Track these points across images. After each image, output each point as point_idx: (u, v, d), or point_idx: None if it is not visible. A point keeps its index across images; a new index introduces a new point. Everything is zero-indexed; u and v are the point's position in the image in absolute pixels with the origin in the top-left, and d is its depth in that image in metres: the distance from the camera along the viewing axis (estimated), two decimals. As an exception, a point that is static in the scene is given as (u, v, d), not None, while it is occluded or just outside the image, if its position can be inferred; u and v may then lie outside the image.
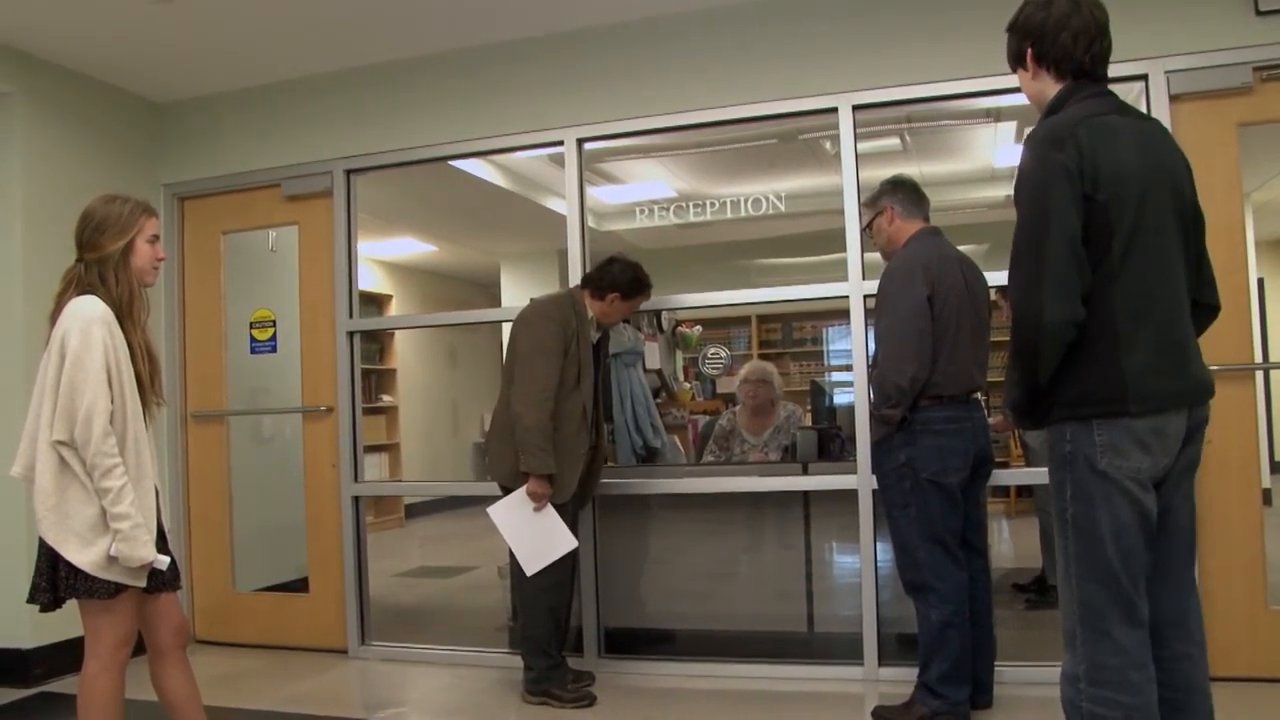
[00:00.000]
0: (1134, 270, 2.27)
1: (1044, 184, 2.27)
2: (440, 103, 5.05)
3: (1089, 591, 2.30)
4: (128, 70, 5.17)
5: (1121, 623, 2.27)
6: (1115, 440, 2.26)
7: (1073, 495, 2.32)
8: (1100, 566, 2.28)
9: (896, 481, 3.71)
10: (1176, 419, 2.31)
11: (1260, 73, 4.03)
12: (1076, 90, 2.41)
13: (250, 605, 5.45)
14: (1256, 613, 4.00)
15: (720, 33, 4.64)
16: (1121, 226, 2.26)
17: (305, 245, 5.35)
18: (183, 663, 3.01)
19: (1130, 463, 2.26)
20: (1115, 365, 2.26)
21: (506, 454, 4.13)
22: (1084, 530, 2.30)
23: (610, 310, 4.28)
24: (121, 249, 2.90)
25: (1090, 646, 2.29)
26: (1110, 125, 2.32)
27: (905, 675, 4.02)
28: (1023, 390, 2.38)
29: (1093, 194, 2.25)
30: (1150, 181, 2.31)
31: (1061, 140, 2.27)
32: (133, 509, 2.72)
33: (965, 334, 3.69)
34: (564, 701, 4.11)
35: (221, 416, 5.53)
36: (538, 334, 4.10)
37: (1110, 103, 2.42)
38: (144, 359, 2.90)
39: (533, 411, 3.98)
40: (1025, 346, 2.30)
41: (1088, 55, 2.41)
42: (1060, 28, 2.40)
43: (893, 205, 3.86)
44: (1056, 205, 2.24)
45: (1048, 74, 2.46)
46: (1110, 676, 2.26)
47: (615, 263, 4.28)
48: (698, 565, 4.93)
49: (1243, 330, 4.01)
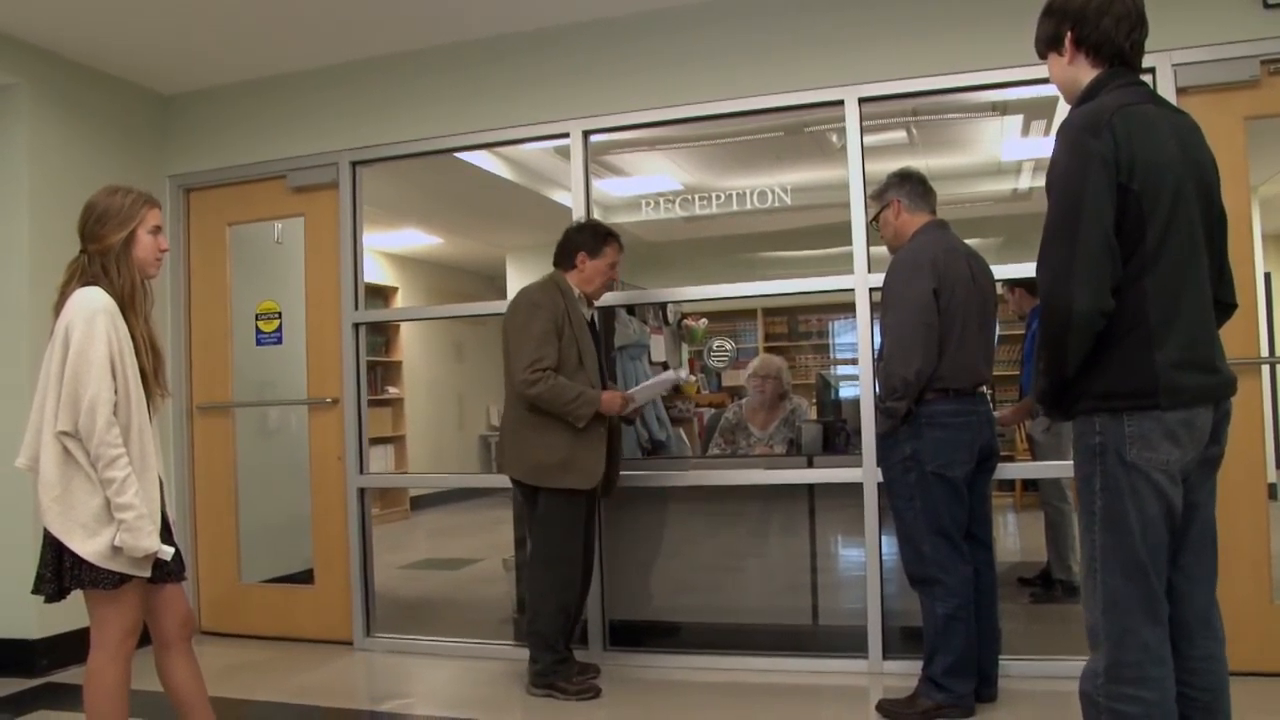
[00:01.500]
0: (1167, 263, 2.25)
1: (1079, 171, 2.23)
2: (446, 95, 5.04)
3: (1114, 585, 2.27)
4: (133, 62, 5.17)
5: (1146, 618, 2.25)
6: (1145, 432, 2.23)
7: (1102, 487, 2.29)
8: (1128, 560, 2.26)
9: (902, 474, 3.70)
10: (1205, 412, 2.29)
11: (1268, 66, 4.01)
12: (1112, 78, 2.37)
13: (256, 597, 5.46)
14: (1262, 607, 4.00)
15: (726, 25, 4.63)
16: (1156, 218, 2.23)
17: (311, 237, 5.36)
18: (188, 654, 3.01)
19: (1160, 454, 2.23)
20: (1147, 358, 2.23)
21: (520, 448, 4.11)
22: (1112, 523, 2.28)
23: (588, 275, 4.22)
24: (123, 240, 2.89)
25: (1114, 642, 2.27)
26: (1147, 115, 2.29)
27: (910, 668, 4.02)
28: (1050, 380, 2.35)
29: (1128, 183, 2.22)
30: (1184, 175, 2.28)
31: (1098, 127, 2.24)
32: (137, 499, 2.72)
33: (971, 328, 3.68)
34: (568, 694, 4.11)
35: (227, 408, 5.54)
36: (522, 320, 4.08)
37: (1144, 92, 2.38)
38: (147, 350, 2.89)
39: (536, 387, 3.95)
40: (1054, 336, 2.27)
41: (1128, 42, 2.38)
42: (1102, 12, 2.37)
43: (899, 198, 3.86)
44: (1090, 193, 2.21)
45: (1085, 59, 2.41)
46: (1131, 673, 2.24)
47: (569, 229, 4.30)
48: (703, 558, 4.93)
49: (1249, 324, 4.00)
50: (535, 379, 3.95)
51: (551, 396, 3.97)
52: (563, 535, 4.09)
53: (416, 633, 5.19)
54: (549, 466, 4.04)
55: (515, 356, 4.04)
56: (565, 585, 4.14)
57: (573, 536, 4.13)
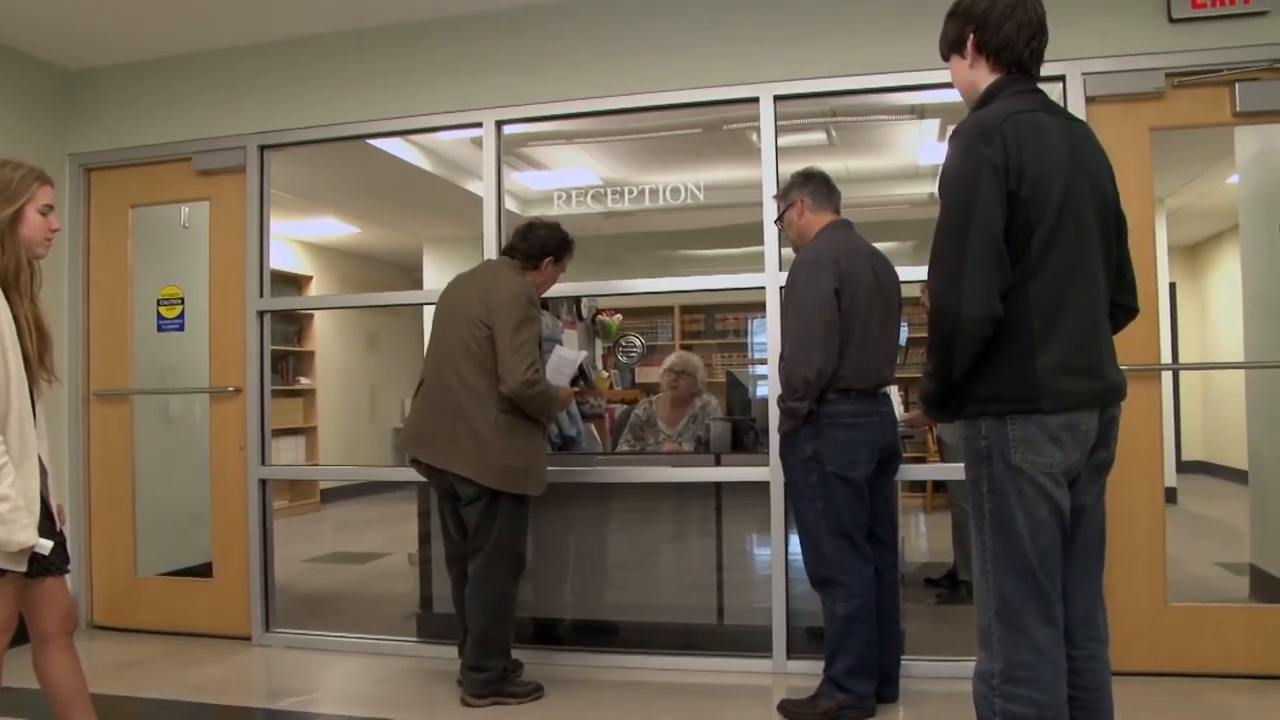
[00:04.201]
0: (1051, 270, 2.28)
1: (969, 178, 2.26)
2: (359, 80, 4.94)
3: (1005, 587, 2.30)
4: (34, 35, 4.98)
5: (1037, 620, 2.28)
6: (1029, 435, 2.26)
7: (989, 490, 2.32)
8: (1017, 562, 2.29)
9: (803, 475, 3.70)
10: (1089, 417, 2.32)
11: (1172, 79, 4.10)
12: (1009, 84, 2.40)
13: (152, 590, 5.30)
14: (1157, 609, 4.09)
15: (643, 19, 4.61)
16: (1042, 225, 2.26)
17: (216, 221, 5.22)
18: (69, 650, 2.89)
19: (1043, 457, 2.26)
20: (1029, 363, 2.26)
21: (483, 450, 3.87)
22: (1001, 526, 2.31)
23: (545, 278, 4.15)
24: (10, 217, 2.77)
25: (1006, 644, 2.29)
26: (1038, 123, 2.32)
27: (815, 668, 4.02)
28: (937, 383, 2.38)
29: (1016, 190, 2.24)
30: (1073, 182, 2.31)
31: (989, 134, 2.26)
32: (12, 491, 2.60)
33: (874, 328, 3.69)
34: (520, 697, 4.00)
35: (125, 396, 5.37)
36: (520, 318, 3.89)
37: (1039, 100, 2.42)
38: (31, 333, 2.77)
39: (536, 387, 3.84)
40: (942, 340, 2.30)
41: (1028, 49, 2.41)
42: (1005, 18, 2.39)
43: (803, 198, 3.86)
44: (981, 199, 2.23)
45: (985, 63, 2.44)
46: (1025, 674, 2.26)
47: (537, 227, 4.14)
48: (610, 555, 4.90)
49: (1151, 332, 4.08)
50: (536, 379, 3.84)
51: (545, 399, 3.90)
52: (518, 539, 4.00)
53: (319, 628, 5.09)
54: (516, 471, 3.90)
55: (514, 354, 3.84)
56: (514, 587, 4.04)
57: (524, 539, 4.05)
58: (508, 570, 3.98)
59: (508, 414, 3.88)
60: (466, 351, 3.92)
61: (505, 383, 3.83)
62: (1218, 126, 4.20)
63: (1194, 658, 4.06)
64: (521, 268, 4.10)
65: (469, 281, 4.12)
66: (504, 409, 3.87)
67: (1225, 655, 4.04)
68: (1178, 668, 4.06)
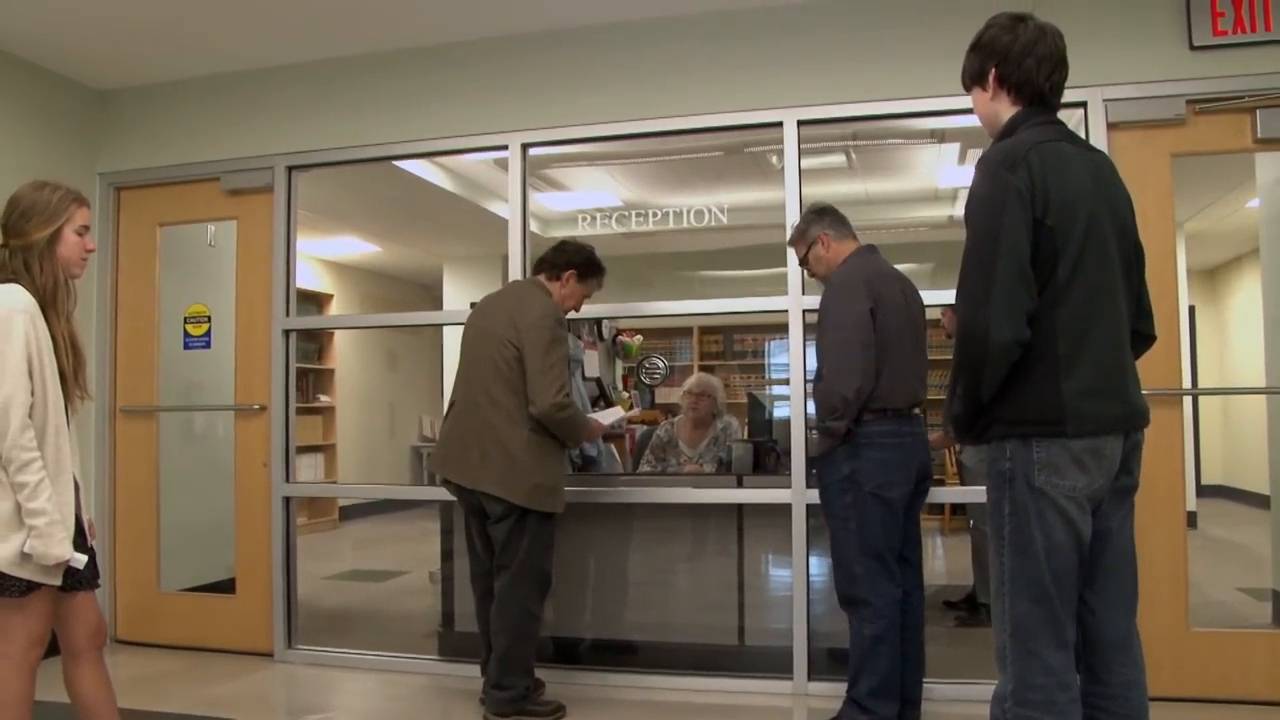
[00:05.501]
0: (1076, 296, 2.30)
1: (996, 205, 2.29)
2: (386, 102, 5.00)
3: (1021, 609, 2.32)
4: (67, 56, 5.06)
5: (1051, 643, 2.29)
6: (1053, 458, 2.28)
7: (1010, 512, 2.34)
8: (1034, 585, 2.30)
9: (839, 495, 3.71)
10: (1113, 441, 2.34)
11: (1193, 106, 4.12)
12: (1030, 115, 2.44)
13: (175, 605, 5.34)
14: (1179, 634, 4.07)
15: (668, 44, 4.65)
16: (1067, 252, 2.29)
17: (244, 241, 5.27)
18: (98, 664, 2.93)
19: (1066, 480, 2.28)
20: (1055, 387, 2.28)
21: (514, 469, 3.89)
22: (1019, 547, 2.32)
23: (567, 294, 4.15)
24: (48, 238, 2.83)
25: (1019, 665, 2.31)
26: (1061, 152, 2.36)
27: (834, 690, 4.03)
28: (965, 405, 2.40)
29: (1042, 218, 2.28)
30: (1096, 210, 2.35)
31: (1015, 163, 2.30)
32: (49, 505, 2.65)
33: (905, 348, 3.72)
34: (543, 716, 4.00)
35: (152, 412, 5.42)
36: (549, 339, 3.92)
37: (1061, 130, 2.46)
38: (67, 351, 2.83)
39: (567, 411, 3.88)
40: (970, 363, 2.32)
41: (1048, 83, 2.45)
42: (1026, 53, 2.43)
43: (824, 232, 3.89)
44: (1008, 226, 2.27)
45: (1006, 96, 2.48)
46: (1036, 696, 2.28)
47: (569, 243, 4.20)
48: (631, 575, 4.91)
49: (1171, 356, 4.09)
50: (567, 403, 3.87)
51: (573, 424, 3.93)
52: (544, 557, 4.01)
53: (339, 645, 5.11)
54: (545, 490, 3.93)
55: (544, 376, 3.86)
56: (540, 605, 4.06)
57: (551, 558, 4.06)
58: (534, 589, 3.99)
59: (538, 434, 3.91)
60: (496, 371, 3.95)
61: (535, 404, 3.86)
62: (1239, 153, 4.21)
63: (1216, 683, 4.05)
64: (546, 281, 4.15)
65: (497, 303, 4.16)
66: (534, 429, 3.90)
67: (1248, 681, 4.03)
68: (1200, 693, 4.04)
